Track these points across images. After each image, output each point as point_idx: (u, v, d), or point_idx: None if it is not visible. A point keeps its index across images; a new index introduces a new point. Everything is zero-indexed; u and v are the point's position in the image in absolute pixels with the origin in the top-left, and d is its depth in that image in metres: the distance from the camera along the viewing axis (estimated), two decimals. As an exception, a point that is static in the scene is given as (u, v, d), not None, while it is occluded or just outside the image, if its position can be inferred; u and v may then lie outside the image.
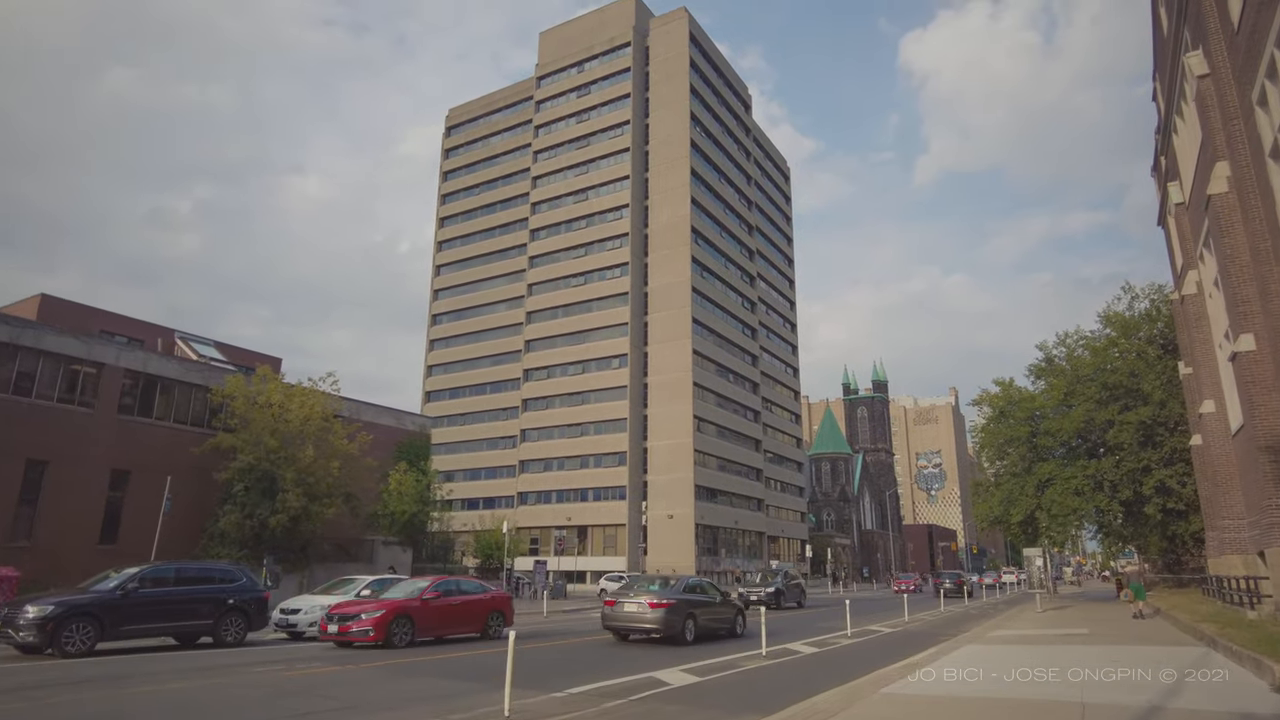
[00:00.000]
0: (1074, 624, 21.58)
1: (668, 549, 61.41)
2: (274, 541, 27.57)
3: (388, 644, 15.30)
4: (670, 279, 67.56)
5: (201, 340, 37.49)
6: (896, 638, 19.63)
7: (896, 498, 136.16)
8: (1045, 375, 40.40)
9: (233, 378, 29.09)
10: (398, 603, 16.19)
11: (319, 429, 29.11)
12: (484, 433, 74.41)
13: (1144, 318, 38.28)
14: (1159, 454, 33.65)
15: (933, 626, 23.31)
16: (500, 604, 18.87)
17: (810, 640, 18.38)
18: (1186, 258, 25.95)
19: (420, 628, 16.15)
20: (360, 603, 16.41)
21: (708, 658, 14.52)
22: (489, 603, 18.43)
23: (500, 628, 18.14)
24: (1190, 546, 37.15)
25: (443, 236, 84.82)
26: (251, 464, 27.47)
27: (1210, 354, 24.05)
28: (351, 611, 15.64)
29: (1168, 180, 28.01)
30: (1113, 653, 13.80)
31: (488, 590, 19.01)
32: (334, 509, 28.59)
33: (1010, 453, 39.11)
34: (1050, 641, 16.27)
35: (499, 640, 16.44)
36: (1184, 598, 29.54)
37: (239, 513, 26.94)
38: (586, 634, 20.29)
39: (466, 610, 17.71)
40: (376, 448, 35.97)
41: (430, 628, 16.50)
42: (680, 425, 63.92)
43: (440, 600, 16.89)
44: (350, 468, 29.72)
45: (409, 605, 16.27)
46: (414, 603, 16.42)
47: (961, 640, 17.32)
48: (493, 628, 18.03)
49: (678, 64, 72.11)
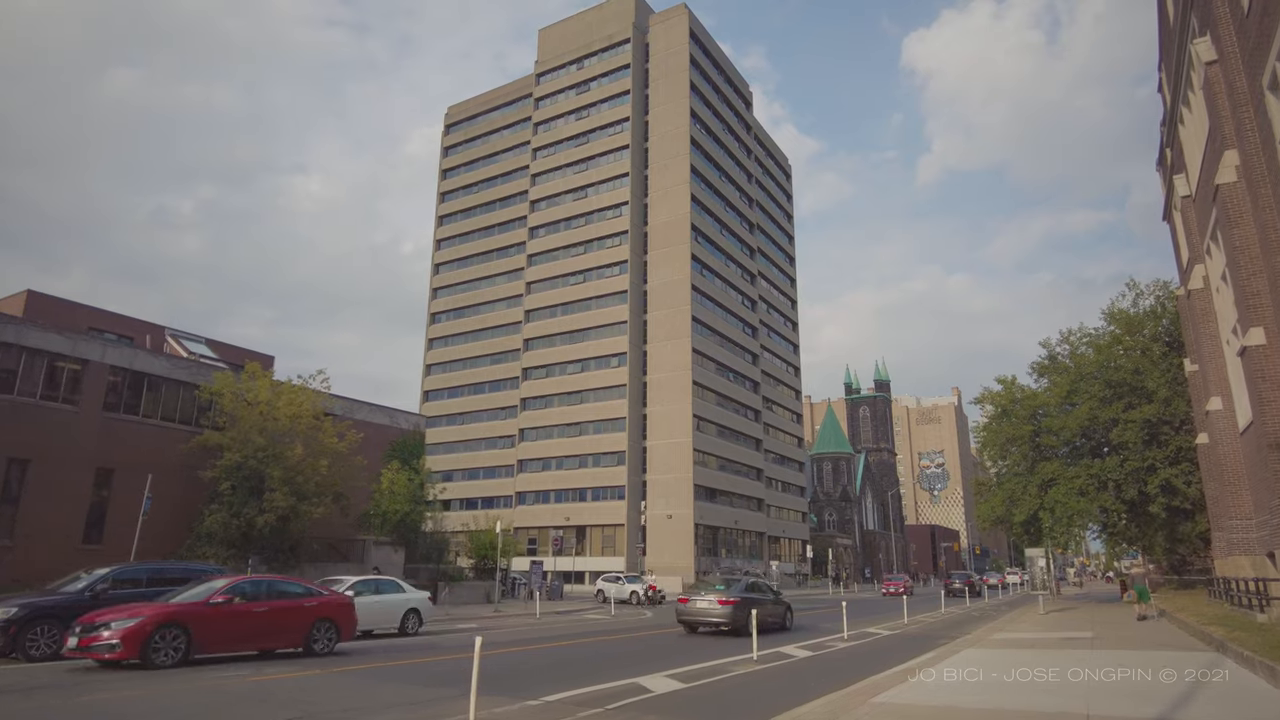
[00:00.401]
0: (1078, 627, 21.03)
1: (667, 549, 60.90)
2: (261, 541, 27.09)
3: (145, 663, 12.14)
4: (670, 277, 67.03)
5: (193, 338, 37.05)
6: (894, 641, 19.09)
7: (899, 498, 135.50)
8: (1048, 373, 39.84)
9: (221, 374, 28.63)
10: (165, 609, 12.71)
11: (308, 427, 28.62)
12: (482, 432, 73.97)
13: (1149, 314, 37.70)
14: (1164, 453, 33.08)
15: (932, 629, 22.78)
16: (331, 611, 15.21)
17: (805, 643, 17.86)
18: (1193, 252, 25.39)
19: (200, 641, 12.87)
20: (115, 609, 12.84)
21: (698, 661, 14.01)
22: (314, 610, 14.84)
23: (332, 640, 15.03)
24: (1196, 547, 36.57)
25: (442, 234, 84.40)
26: (239, 462, 26.99)
27: (1218, 350, 23.47)
28: (100, 620, 12.31)
29: (1173, 173, 27.44)
30: (1119, 658, 13.26)
31: (316, 594, 15.38)
32: (323, 508, 28.07)
33: (1013, 452, 38.55)
34: (1054, 646, 15.73)
35: (330, 657, 14.44)
36: (1190, 600, 28.98)
37: (225, 512, 26.45)
38: (580, 636, 19.82)
39: (278, 618, 14.22)
40: (369, 446, 35.50)
41: (217, 641, 13.27)
42: (679, 424, 63.38)
43: (236, 606, 13.53)
44: (340, 466, 29.21)
45: (184, 612, 12.85)
46: (193, 609, 12.99)
47: (961, 644, 16.78)
48: (320, 640, 14.75)
49: (677, 60, 71.59)
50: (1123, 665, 12.01)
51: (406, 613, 20.19)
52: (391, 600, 19.92)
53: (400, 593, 20.44)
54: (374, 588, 19.83)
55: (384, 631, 20.05)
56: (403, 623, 20.05)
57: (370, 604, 19.25)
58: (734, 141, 79.91)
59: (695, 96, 71.98)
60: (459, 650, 16.13)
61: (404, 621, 20.08)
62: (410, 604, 20.35)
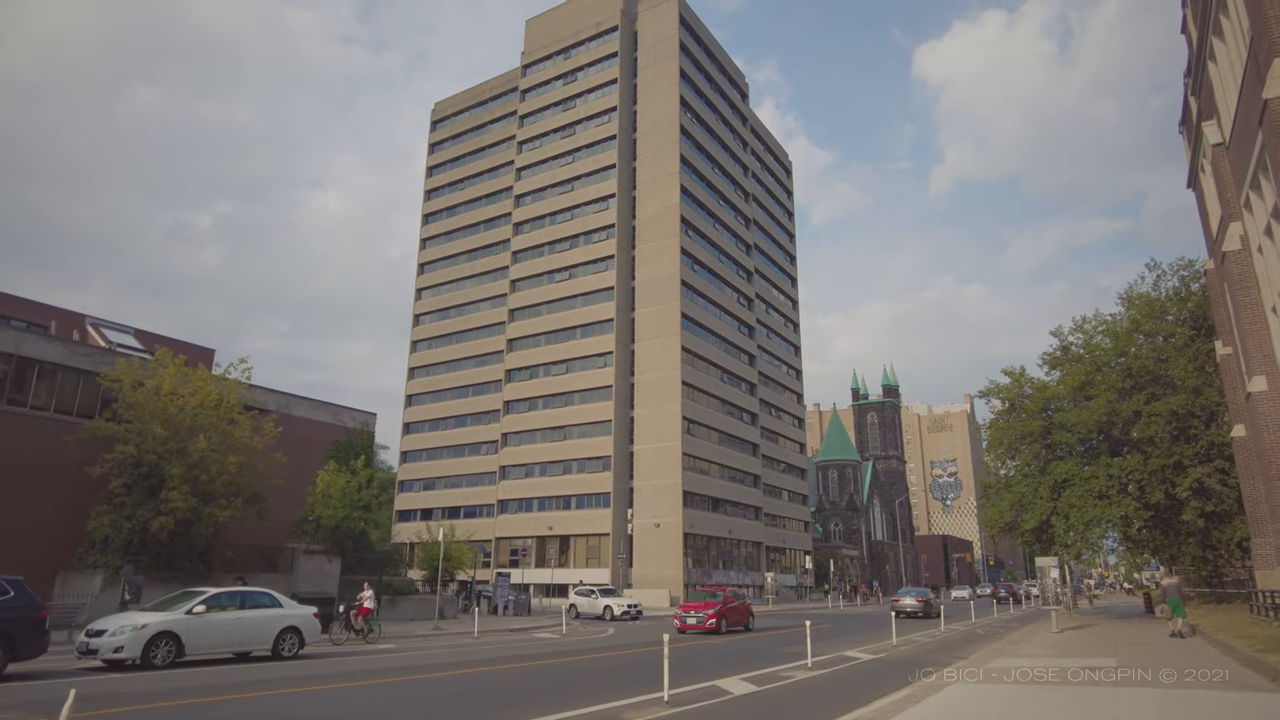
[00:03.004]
0: (1098, 650, 17.35)
1: (654, 559, 57.15)
2: (159, 548, 23.80)
3: None
4: (659, 271, 63.56)
5: (120, 328, 34.02)
6: (870, 670, 15.49)
7: (908, 506, 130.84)
8: (1061, 365, 36.05)
9: (124, 361, 25.43)
10: None
11: (218, 419, 25.39)
12: (465, 437, 70.58)
13: (1172, 298, 33.91)
14: (1194, 449, 29.25)
15: (921, 652, 19.11)
16: None
17: (753, 673, 14.28)
18: (1227, 209, 21.78)
19: None
20: None
21: (595, 701, 10.53)
22: None
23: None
24: (1231, 556, 32.56)
25: (427, 233, 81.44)
26: (136, 457, 23.78)
27: (1260, 320, 19.81)
28: None
29: (1202, 120, 23.83)
30: (1158, 701, 9.68)
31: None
32: (231, 511, 24.73)
33: (1022, 450, 34.70)
34: (1067, 681, 12.12)
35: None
36: (1227, 616, 25.12)
37: (116, 514, 23.25)
38: (503, 662, 16.35)
39: None
40: (308, 446, 32.31)
41: None
42: (668, 427, 59.74)
43: None
44: (258, 464, 25.96)
45: None
46: None
47: (948, 677, 13.18)
48: None
49: (667, 47, 68.44)
50: (1165, 714, 8.44)
51: (282, 632, 16.79)
52: (259, 618, 16.51)
53: (275, 608, 17.03)
54: (238, 601, 16.44)
55: (260, 654, 16.70)
56: (276, 644, 16.65)
57: (227, 622, 15.89)
58: (728, 133, 76.60)
59: (686, 84, 68.79)
60: (305, 682, 12.71)
61: (279, 642, 16.68)
62: (287, 622, 16.94)
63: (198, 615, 15.36)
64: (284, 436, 30.41)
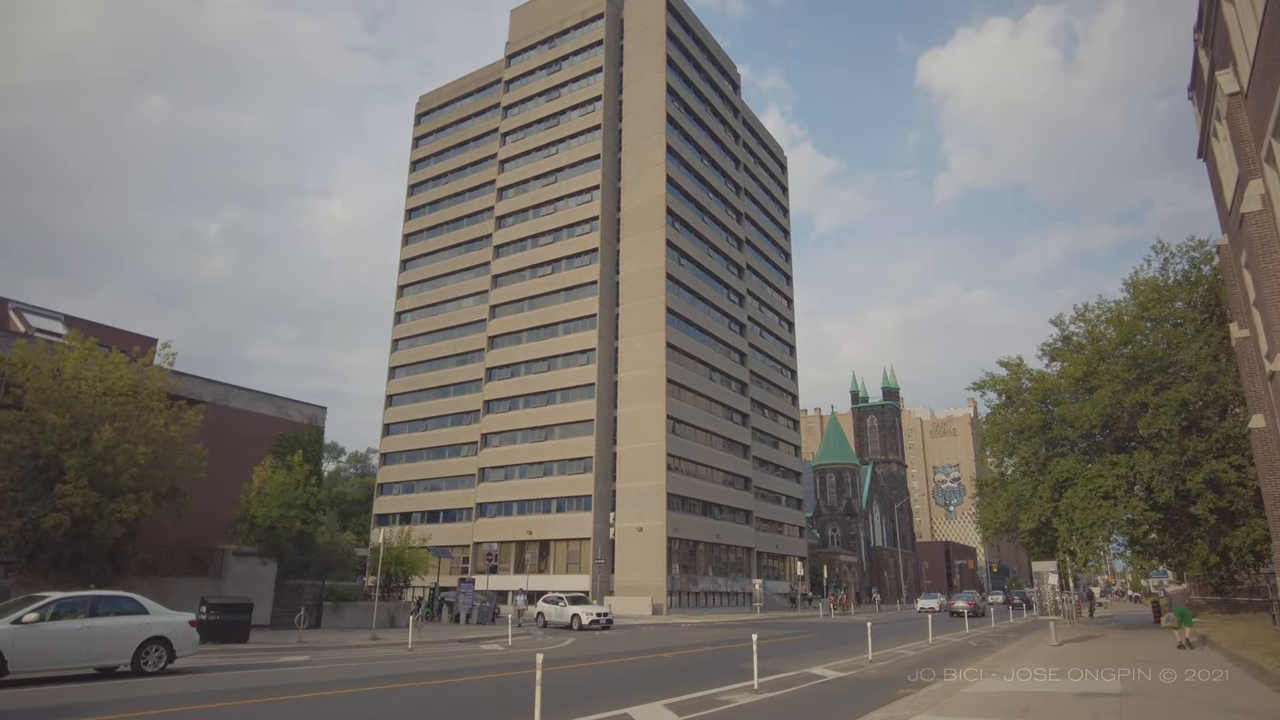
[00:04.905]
0: (1101, 666, 14.86)
1: (637, 565, 54.53)
2: (55, 549, 21.41)
3: None
4: (644, 265, 61.13)
5: (45, 313, 31.74)
6: (831, 692, 13.02)
7: (909, 511, 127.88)
8: (1061, 356, 33.56)
9: (22, 343, 23.07)
10: None
11: (134, 407, 23.02)
12: (445, 439, 68.11)
13: (1181, 282, 31.38)
14: (1207, 442, 26.72)
15: (900, 667, 16.60)
16: None
17: (683, 698, 11.80)
18: (1246, 165, 19.30)
19: None
20: None
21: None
22: None
23: None
24: (1245, 561, 29.93)
25: (409, 229, 79.25)
26: (31, 448, 21.40)
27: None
28: None
29: (1216, 70, 21.41)
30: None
31: None
32: (139, 507, 22.33)
33: (1021, 446, 32.18)
34: (1062, 711, 9.66)
35: None
36: (1246, 627, 22.57)
37: (4, 510, 20.86)
38: (421, 679, 13.92)
39: None
40: (248, 440, 29.98)
41: None
42: (652, 427, 57.20)
43: None
44: (175, 456, 23.55)
45: None
46: None
47: (920, 703, 10.72)
48: None
49: (654, 34, 66.17)
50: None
51: (145, 643, 14.37)
52: (114, 627, 14.09)
53: (139, 615, 14.61)
54: (87, 608, 14.02)
55: (122, 669, 14.31)
56: (137, 657, 14.24)
57: (71, 633, 13.48)
58: (719, 124, 74.27)
59: (673, 72, 66.53)
60: (138, 705, 10.24)
61: (140, 655, 14.27)
62: (152, 631, 14.51)
63: (28, 625, 12.97)
64: (220, 429, 28.12)
